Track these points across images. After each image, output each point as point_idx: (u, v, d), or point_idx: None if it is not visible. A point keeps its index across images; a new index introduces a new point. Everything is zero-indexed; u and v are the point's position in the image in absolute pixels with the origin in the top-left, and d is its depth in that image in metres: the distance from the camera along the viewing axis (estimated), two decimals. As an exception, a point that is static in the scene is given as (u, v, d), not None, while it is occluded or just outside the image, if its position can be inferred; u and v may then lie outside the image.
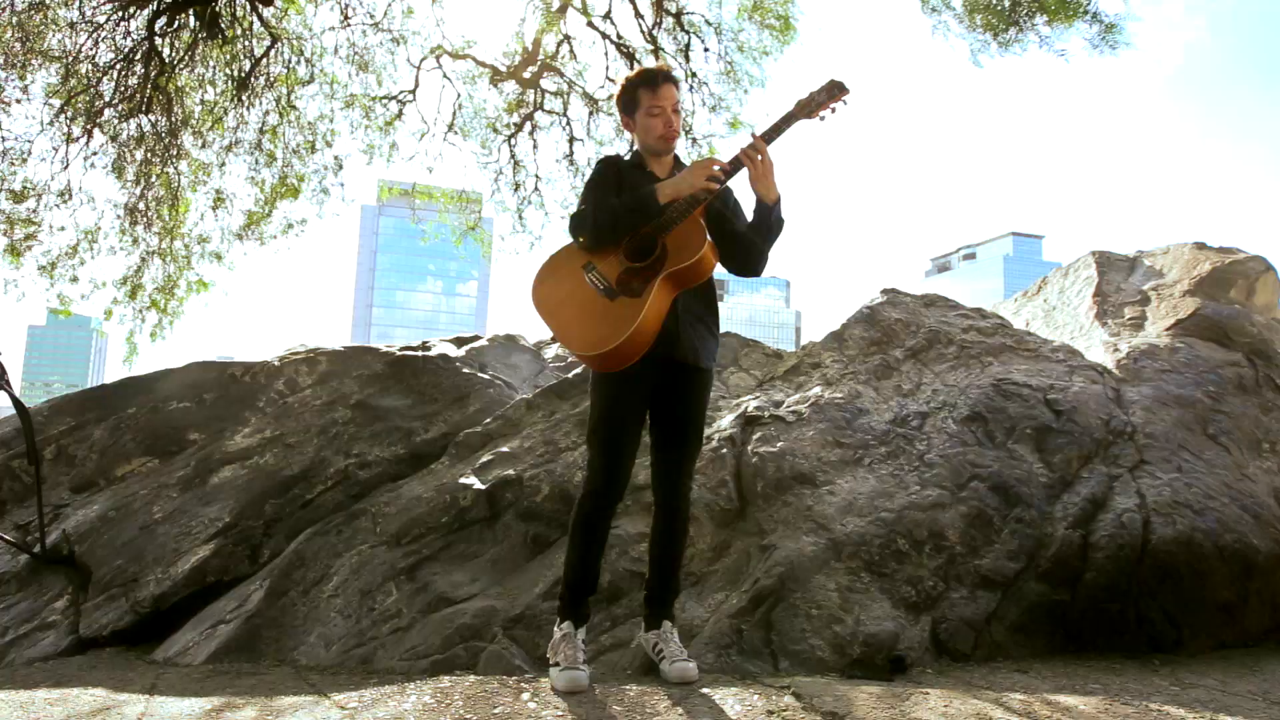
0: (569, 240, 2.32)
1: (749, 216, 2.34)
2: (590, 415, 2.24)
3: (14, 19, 6.76)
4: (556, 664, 2.15)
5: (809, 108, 2.26)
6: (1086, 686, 2.24)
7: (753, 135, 2.25)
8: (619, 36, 8.42)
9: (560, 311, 2.18)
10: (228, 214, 8.13)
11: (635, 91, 2.31)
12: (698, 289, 2.26)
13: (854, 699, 1.97)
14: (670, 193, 2.19)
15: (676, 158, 2.43)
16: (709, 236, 2.19)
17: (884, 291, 4.32)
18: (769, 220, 2.28)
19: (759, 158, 2.21)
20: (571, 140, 8.80)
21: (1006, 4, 6.85)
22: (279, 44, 7.66)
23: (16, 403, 3.70)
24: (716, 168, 2.21)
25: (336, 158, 8.20)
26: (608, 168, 2.34)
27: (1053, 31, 6.83)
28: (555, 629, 2.24)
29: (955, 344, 3.87)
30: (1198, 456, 3.14)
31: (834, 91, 2.26)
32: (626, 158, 2.43)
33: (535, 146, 8.95)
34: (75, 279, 7.70)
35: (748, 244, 2.30)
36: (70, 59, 7.07)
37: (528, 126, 8.89)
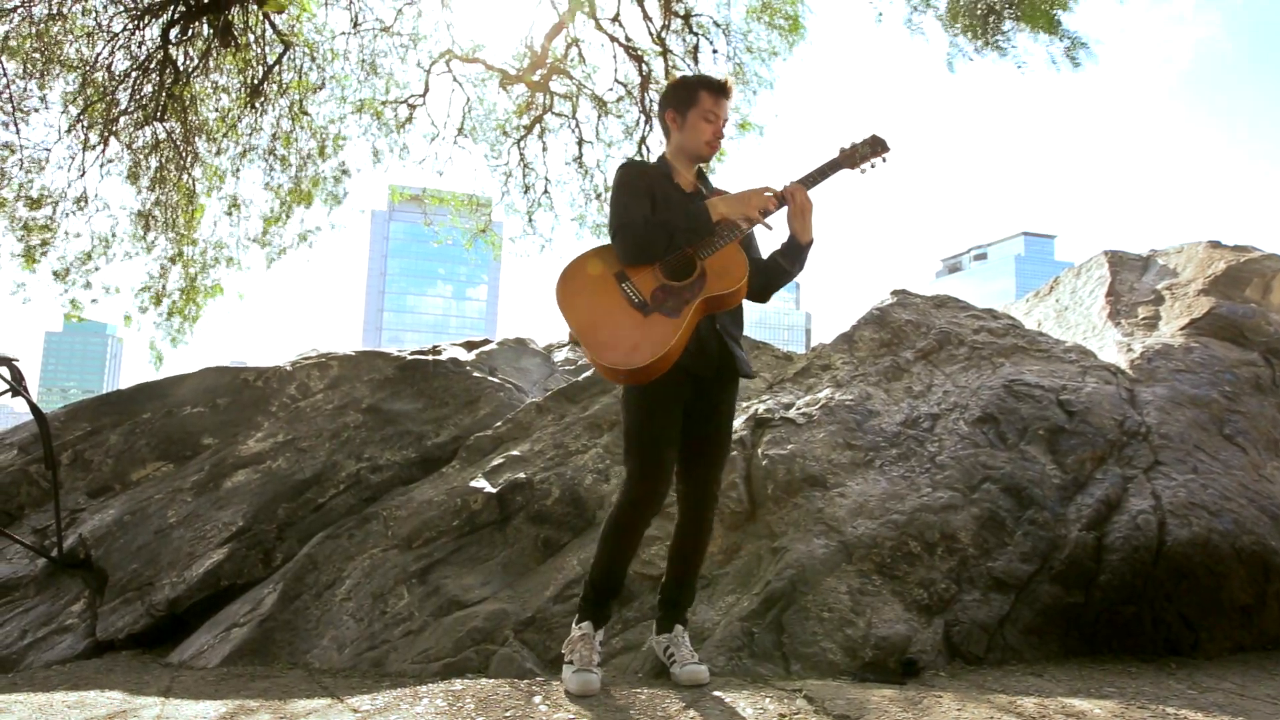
0: (584, 243, 2.32)
1: (767, 250, 2.37)
2: (628, 426, 2.20)
3: (33, 28, 6.86)
4: (570, 663, 2.15)
5: (853, 159, 2.31)
6: (1101, 690, 2.22)
7: (791, 182, 2.27)
8: (627, 39, 8.44)
9: (587, 316, 2.14)
10: (243, 219, 8.23)
11: (698, 90, 2.29)
12: (732, 308, 2.27)
13: (866, 702, 1.96)
14: (720, 213, 2.20)
15: (700, 170, 2.43)
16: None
17: (894, 293, 4.30)
18: (799, 259, 2.30)
19: (799, 198, 2.25)
20: (581, 143, 8.83)
21: (981, 10, 6.85)
22: (290, 50, 7.74)
23: (34, 408, 3.75)
24: (769, 194, 2.23)
25: (343, 163, 8.28)
26: (639, 175, 2.29)
27: (1022, 41, 6.86)
28: (574, 626, 2.24)
29: (966, 345, 3.85)
30: (1214, 457, 3.10)
31: (877, 147, 2.31)
32: (651, 160, 2.43)
33: (545, 149, 8.98)
34: (89, 285, 7.80)
35: (771, 275, 2.32)
36: (87, 67, 7.17)
37: (537, 129, 8.93)
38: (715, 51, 8.31)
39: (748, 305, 2.39)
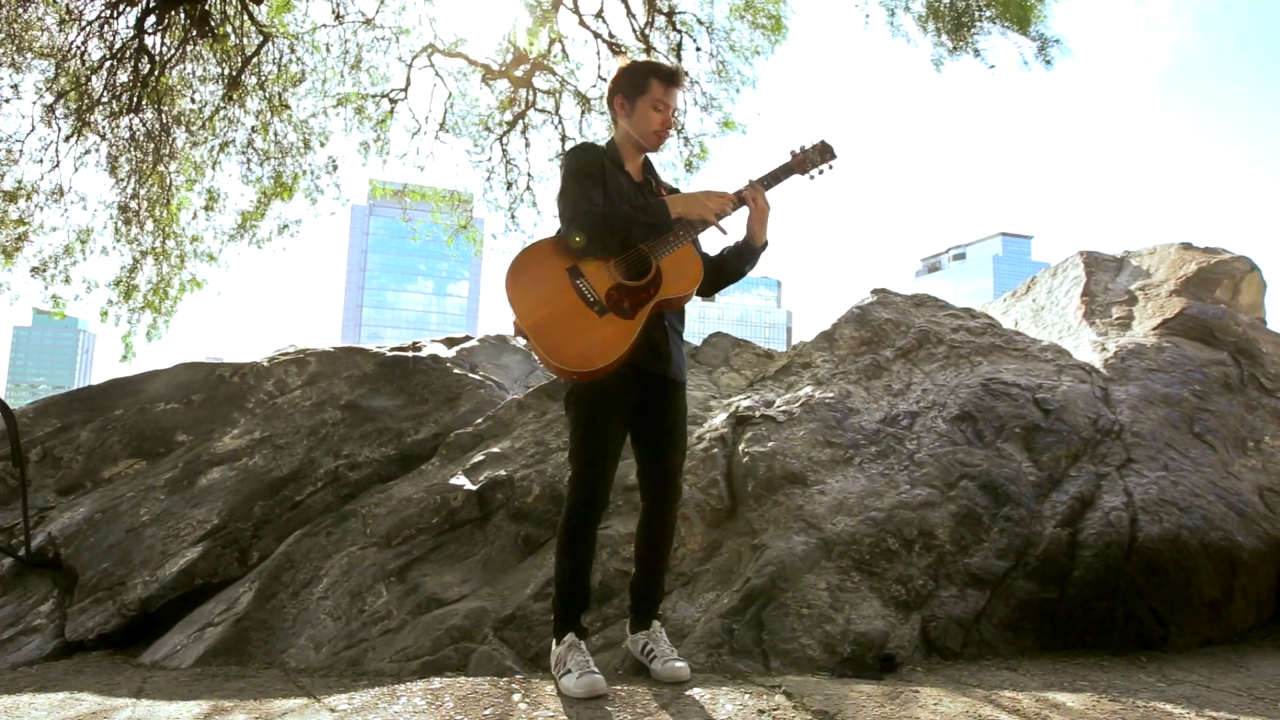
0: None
1: (715, 249, 2.39)
2: (572, 431, 2.19)
3: (3, 13, 6.70)
4: (568, 672, 2.07)
5: (804, 165, 2.32)
6: (1074, 684, 2.25)
7: (750, 181, 2.27)
8: (611, 35, 8.42)
9: (539, 312, 2.08)
10: (220, 213, 8.10)
11: (648, 79, 2.24)
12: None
13: (844, 698, 1.98)
14: (679, 211, 2.18)
15: (647, 160, 2.40)
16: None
17: (874, 291, 4.34)
18: (752, 261, 2.32)
19: (760, 202, 2.25)
20: (564, 139, 8.79)
21: (954, 12, 6.94)
22: (270, 42, 7.62)
23: (1, 405, 3.66)
24: (730, 205, 2.23)
25: (331, 158, 8.18)
26: (592, 160, 2.22)
27: (992, 42, 6.96)
28: (555, 645, 2.19)
29: (945, 344, 3.89)
30: (1184, 455, 3.17)
31: (825, 153, 2.33)
32: (602, 144, 2.38)
33: (527, 145, 8.94)
34: (68, 280, 7.66)
35: (722, 273, 2.34)
36: (60, 56, 7.01)
37: (520, 125, 8.88)
38: (699, 49, 8.33)
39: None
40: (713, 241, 2.41)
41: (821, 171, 2.32)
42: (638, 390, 2.19)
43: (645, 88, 2.24)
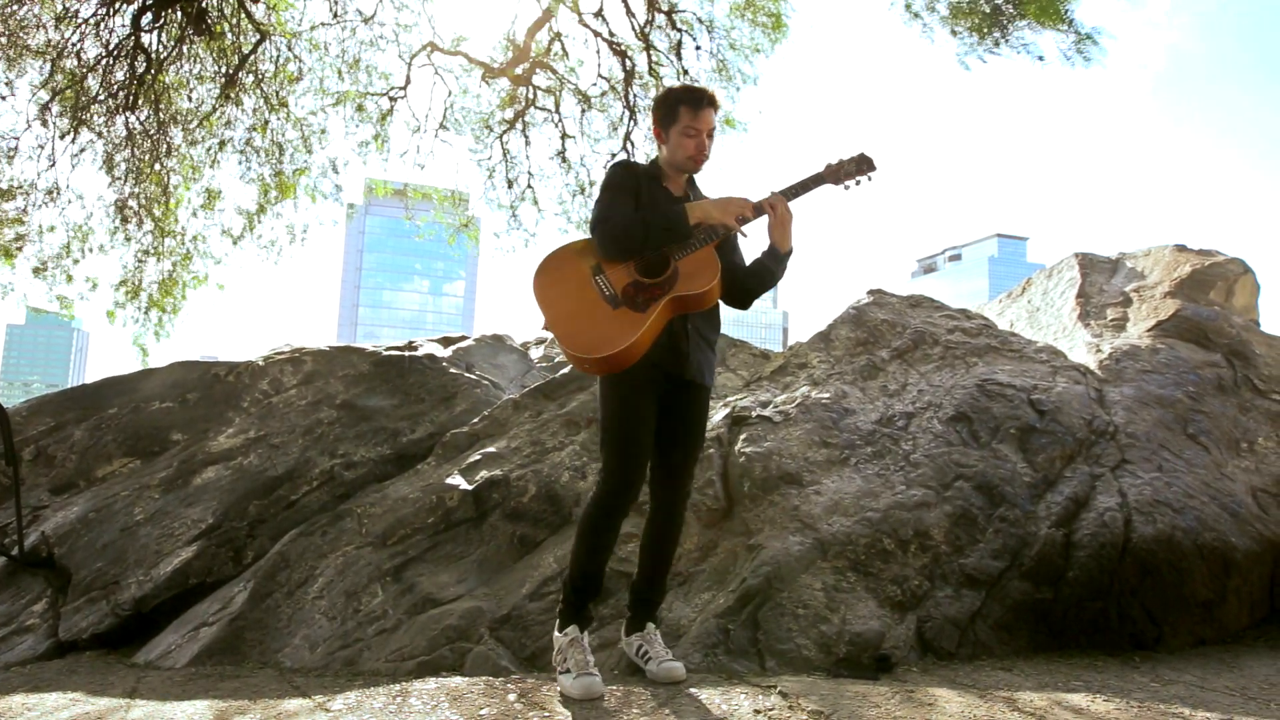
0: (568, 238, 2.34)
1: (749, 258, 2.41)
2: (604, 419, 2.25)
3: None
4: (567, 670, 2.10)
5: (838, 175, 2.34)
6: (1068, 684, 2.26)
7: (773, 192, 2.31)
8: (611, 34, 8.42)
9: (559, 305, 2.21)
10: (220, 212, 8.09)
11: (676, 107, 2.30)
12: (707, 310, 2.31)
13: (840, 698, 1.98)
14: (698, 217, 2.23)
15: (691, 178, 2.44)
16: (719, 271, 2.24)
17: (870, 292, 4.34)
18: (778, 268, 2.34)
19: (780, 209, 2.28)
20: (564, 137, 8.79)
21: (988, 9, 6.92)
22: (267, 41, 7.60)
23: (-5, 402, 3.65)
24: (749, 211, 2.27)
25: (330, 160, 8.17)
26: (627, 175, 2.33)
27: (1031, 37, 6.93)
28: (558, 634, 2.21)
29: (940, 344, 3.90)
30: (1178, 456, 3.18)
31: (863, 165, 2.35)
32: (644, 162, 2.45)
33: (528, 143, 8.94)
34: (70, 279, 7.65)
35: (750, 283, 2.36)
36: (56, 54, 6.99)
37: (520, 123, 8.87)
38: (698, 48, 8.33)
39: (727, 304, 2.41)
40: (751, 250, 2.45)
41: (858, 182, 2.35)
42: (662, 386, 2.24)
43: (675, 116, 2.30)
